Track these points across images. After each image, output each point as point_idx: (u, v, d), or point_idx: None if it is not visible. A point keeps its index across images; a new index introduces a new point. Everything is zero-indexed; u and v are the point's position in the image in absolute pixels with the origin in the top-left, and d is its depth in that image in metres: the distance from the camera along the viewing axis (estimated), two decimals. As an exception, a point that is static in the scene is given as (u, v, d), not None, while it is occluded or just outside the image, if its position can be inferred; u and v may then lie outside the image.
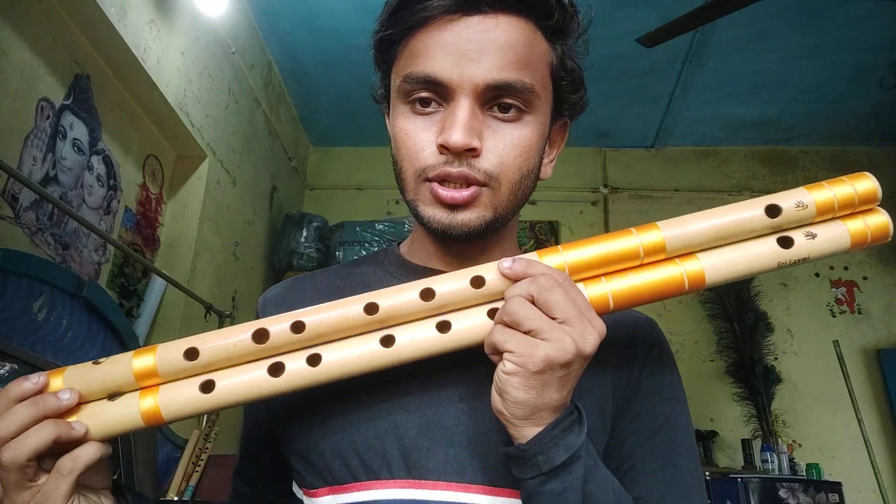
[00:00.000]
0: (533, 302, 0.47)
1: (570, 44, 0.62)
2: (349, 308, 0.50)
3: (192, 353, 0.49)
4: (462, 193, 0.56)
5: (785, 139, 3.79)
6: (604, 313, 0.50)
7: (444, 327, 0.50)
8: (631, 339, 0.62)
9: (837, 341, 3.40)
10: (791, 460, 3.02)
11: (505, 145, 0.57)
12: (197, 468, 1.97)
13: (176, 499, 1.87)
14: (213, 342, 0.50)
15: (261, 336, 0.49)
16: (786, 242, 0.52)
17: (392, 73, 0.62)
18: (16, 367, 1.33)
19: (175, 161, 2.62)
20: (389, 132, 0.63)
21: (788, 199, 0.51)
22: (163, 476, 1.98)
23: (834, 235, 0.52)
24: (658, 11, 2.70)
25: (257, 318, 0.55)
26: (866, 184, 0.53)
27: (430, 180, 0.57)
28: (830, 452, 3.28)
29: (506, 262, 0.49)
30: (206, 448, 2.03)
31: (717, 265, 0.51)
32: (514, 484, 0.53)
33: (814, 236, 0.52)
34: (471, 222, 0.57)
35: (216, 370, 0.50)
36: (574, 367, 0.46)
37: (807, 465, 3.02)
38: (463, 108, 0.55)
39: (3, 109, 1.68)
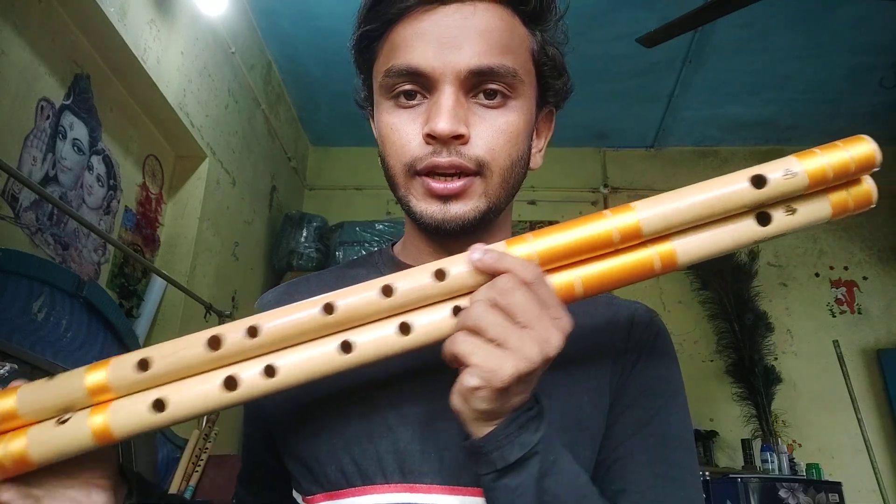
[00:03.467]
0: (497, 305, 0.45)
1: (549, 30, 0.62)
2: (306, 310, 0.48)
3: (144, 364, 0.47)
4: (455, 184, 0.55)
5: (784, 139, 3.79)
6: (572, 301, 0.48)
7: (405, 329, 0.47)
8: (628, 330, 0.61)
9: (837, 341, 3.40)
10: (791, 460, 3.02)
11: (493, 131, 0.56)
12: (197, 468, 1.97)
13: (176, 499, 1.86)
14: (166, 352, 0.47)
15: (215, 343, 0.47)
16: (764, 219, 0.47)
17: (373, 71, 0.62)
18: (16, 367, 1.33)
19: (175, 161, 2.62)
20: (375, 132, 0.62)
21: (775, 169, 0.47)
22: (163, 476, 1.98)
23: (814, 207, 0.48)
24: (657, 12, 2.70)
25: None
26: (863, 147, 0.48)
27: (419, 173, 0.56)
28: (830, 452, 3.28)
29: (476, 254, 0.47)
30: (206, 448, 2.03)
31: (690, 243, 0.48)
32: None
33: (794, 211, 0.47)
34: (465, 214, 0.56)
35: (171, 381, 0.48)
36: (538, 372, 0.45)
37: (807, 465, 3.02)
38: (447, 95, 0.54)
39: (3, 109, 1.68)
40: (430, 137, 0.55)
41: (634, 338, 0.61)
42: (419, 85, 0.56)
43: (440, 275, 0.47)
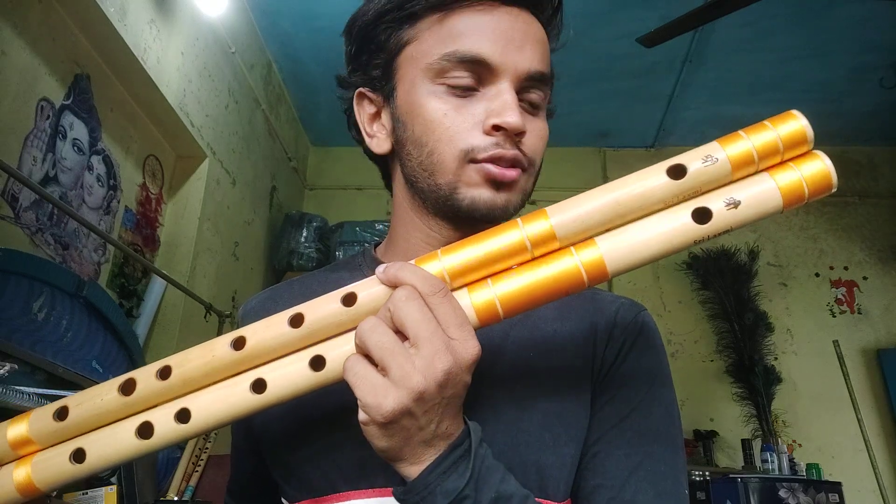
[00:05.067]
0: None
1: (552, 39, 0.64)
2: (215, 349, 0.46)
3: (62, 413, 0.47)
4: (513, 172, 0.56)
5: (785, 139, 3.79)
6: (493, 322, 0.45)
7: (317, 364, 0.44)
8: (612, 325, 0.60)
9: (837, 341, 3.40)
10: (791, 460, 3.02)
11: (537, 134, 0.59)
12: (197, 468, 1.97)
13: (176, 499, 1.87)
14: (81, 399, 0.47)
15: (128, 388, 0.46)
16: (702, 216, 0.42)
17: (408, 51, 0.59)
18: (16, 367, 1.33)
19: (175, 161, 2.62)
20: (401, 112, 0.59)
21: (695, 156, 0.43)
22: (163, 476, 1.98)
23: (760, 198, 0.42)
24: (658, 12, 2.70)
25: (238, 327, 0.55)
26: (792, 125, 0.43)
27: (478, 161, 0.55)
28: (830, 452, 3.28)
29: (380, 267, 0.45)
30: (206, 448, 2.03)
31: (619, 250, 0.43)
32: None
33: (736, 205, 0.42)
34: (510, 204, 0.57)
35: (90, 430, 0.47)
36: (433, 401, 0.41)
37: (807, 465, 3.02)
38: (510, 92, 0.56)
39: (3, 109, 1.68)
40: (496, 129, 0.55)
41: (618, 332, 0.60)
42: (477, 75, 0.56)
43: (349, 300, 0.45)
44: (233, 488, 0.72)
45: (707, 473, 2.78)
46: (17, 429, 0.48)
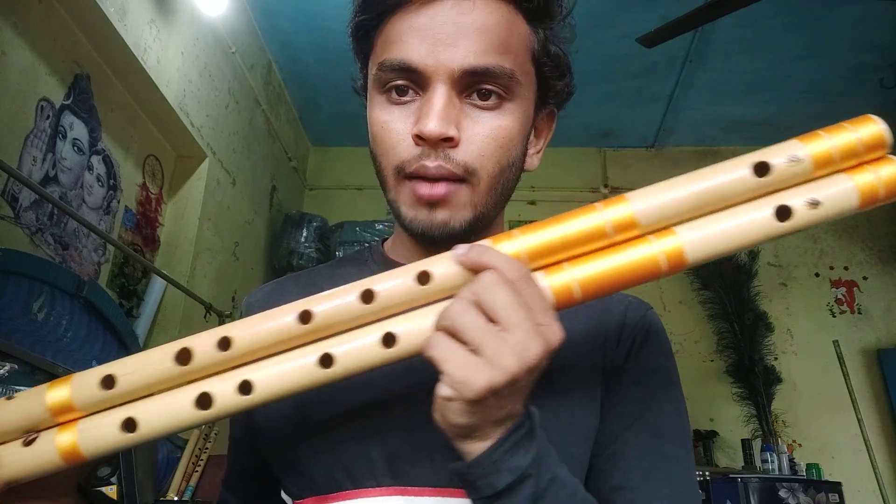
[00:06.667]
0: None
1: (554, 27, 0.59)
2: (282, 319, 0.45)
3: (108, 382, 0.45)
4: (439, 189, 0.53)
5: (785, 139, 3.77)
6: (568, 306, 0.45)
7: (389, 341, 0.44)
8: (621, 323, 0.59)
9: (837, 341, 3.40)
10: (791, 460, 3.02)
11: (484, 136, 0.54)
12: (197, 468, 1.97)
13: (176, 499, 1.87)
14: (132, 368, 0.45)
15: (184, 357, 0.44)
16: (783, 214, 0.43)
17: (369, 62, 0.59)
18: (16, 367, 1.33)
19: (175, 161, 2.62)
20: (368, 126, 0.59)
21: (779, 154, 0.44)
22: (163, 476, 1.98)
23: (840, 198, 0.43)
24: (658, 12, 2.70)
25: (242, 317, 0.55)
26: (871, 129, 0.44)
27: (408, 177, 0.54)
28: (830, 452, 3.28)
29: (461, 249, 0.44)
30: (206, 448, 2.03)
31: (700, 241, 0.43)
32: None
33: (817, 204, 0.43)
34: (451, 222, 0.54)
35: (138, 398, 0.46)
36: (520, 384, 0.41)
37: (807, 465, 3.02)
38: (439, 95, 0.52)
39: (3, 109, 1.68)
40: (419, 138, 0.53)
41: (627, 332, 0.59)
42: (412, 81, 0.54)
43: (424, 277, 0.44)
44: (229, 482, 0.71)
45: (707, 473, 2.78)
46: (57, 393, 0.45)
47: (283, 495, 0.61)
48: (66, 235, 1.96)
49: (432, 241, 0.55)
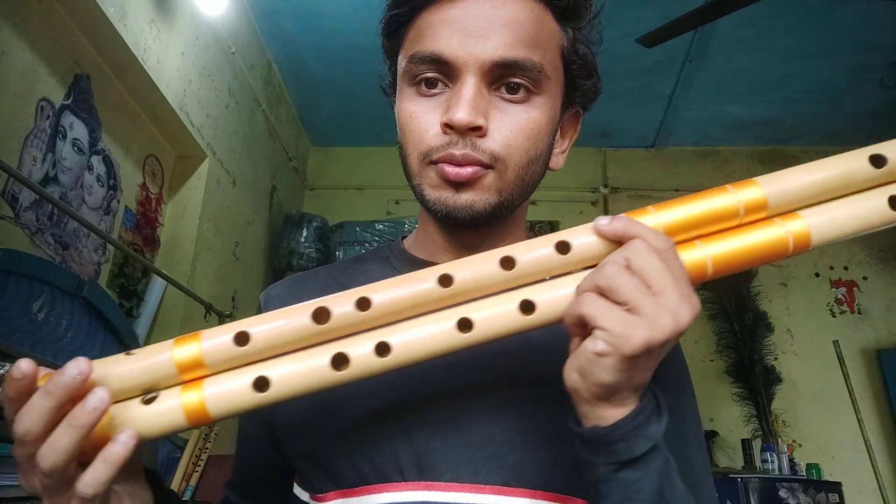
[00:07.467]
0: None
1: (583, 28, 0.61)
2: (421, 283, 0.45)
3: (242, 338, 0.44)
4: (466, 170, 0.54)
5: (785, 139, 3.79)
6: (700, 281, 0.46)
7: (527, 309, 0.44)
8: None
9: (837, 341, 3.40)
10: (791, 460, 3.02)
11: (512, 126, 0.55)
12: (197, 468, 1.97)
13: (176, 499, 1.87)
14: (267, 325, 0.44)
15: (322, 316, 0.44)
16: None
17: (399, 57, 0.61)
18: (16, 367, 1.33)
19: (175, 161, 2.62)
20: (396, 118, 0.60)
21: (893, 148, 0.48)
22: (163, 476, 1.98)
23: None
24: (658, 11, 2.70)
25: (259, 313, 0.55)
26: None
27: (434, 163, 0.55)
28: (830, 452, 3.28)
29: (603, 220, 0.45)
30: (206, 448, 2.03)
31: (824, 224, 0.47)
32: (528, 484, 0.52)
33: None
34: (475, 204, 0.55)
35: (268, 358, 0.44)
36: (667, 347, 0.42)
37: (807, 465, 3.02)
38: (469, 86, 0.54)
39: (3, 109, 1.68)
40: (448, 127, 0.54)
41: None
42: (442, 73, 0.55)
43: (563, 247, 0.45)
44: (235, 482, 0.70)
45: (707, 473, 2.78)
46: (186, 349, 0.44)
47: (298, 489, 0.61)
48: (66, 235, 1.96)
49: (455, 224, 0.57)
